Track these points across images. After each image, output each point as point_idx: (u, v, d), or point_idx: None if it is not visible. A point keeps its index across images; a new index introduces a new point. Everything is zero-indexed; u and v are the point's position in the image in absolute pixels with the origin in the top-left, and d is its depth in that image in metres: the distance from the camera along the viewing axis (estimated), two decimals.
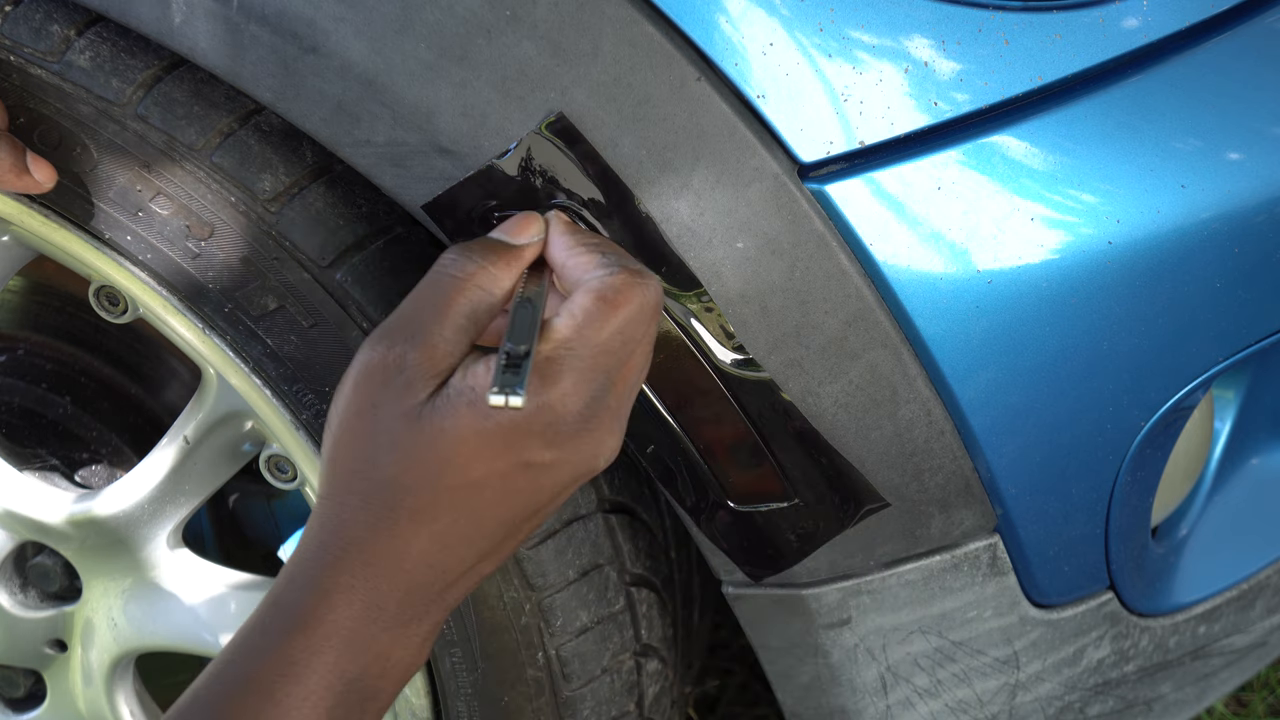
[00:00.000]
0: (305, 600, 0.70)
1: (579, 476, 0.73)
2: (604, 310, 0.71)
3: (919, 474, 0.88)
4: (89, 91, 0.86)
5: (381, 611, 0.71)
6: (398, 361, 0.70)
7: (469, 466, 0.70)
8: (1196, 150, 0.84)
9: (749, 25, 0.78)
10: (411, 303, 0.72)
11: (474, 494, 0.71)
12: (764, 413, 0.85)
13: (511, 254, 0.75)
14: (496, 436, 0.69)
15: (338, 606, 0.70)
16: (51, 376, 1.19)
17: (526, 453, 0.70)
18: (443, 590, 0.72)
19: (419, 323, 0.71)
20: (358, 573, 0.70)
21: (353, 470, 0.71)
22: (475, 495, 0.71)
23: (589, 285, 0.72)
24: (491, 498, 0.71)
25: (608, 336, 0.71)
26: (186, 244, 0.89)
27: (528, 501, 0.72)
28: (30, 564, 1.10)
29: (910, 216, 0.81)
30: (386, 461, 0.70)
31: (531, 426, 0.69)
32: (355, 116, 0.81)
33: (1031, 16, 0.80)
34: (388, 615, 0.71)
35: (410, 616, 0.72)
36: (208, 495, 1.05)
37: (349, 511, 0.71)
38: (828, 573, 0.92)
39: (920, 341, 0.83)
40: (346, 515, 0.71)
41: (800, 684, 0.98)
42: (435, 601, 0.72)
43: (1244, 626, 1.08)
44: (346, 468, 0.72)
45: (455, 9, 0.78)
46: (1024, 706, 1.01)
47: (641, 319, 0.72)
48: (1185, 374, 0.89)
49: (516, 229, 0.77)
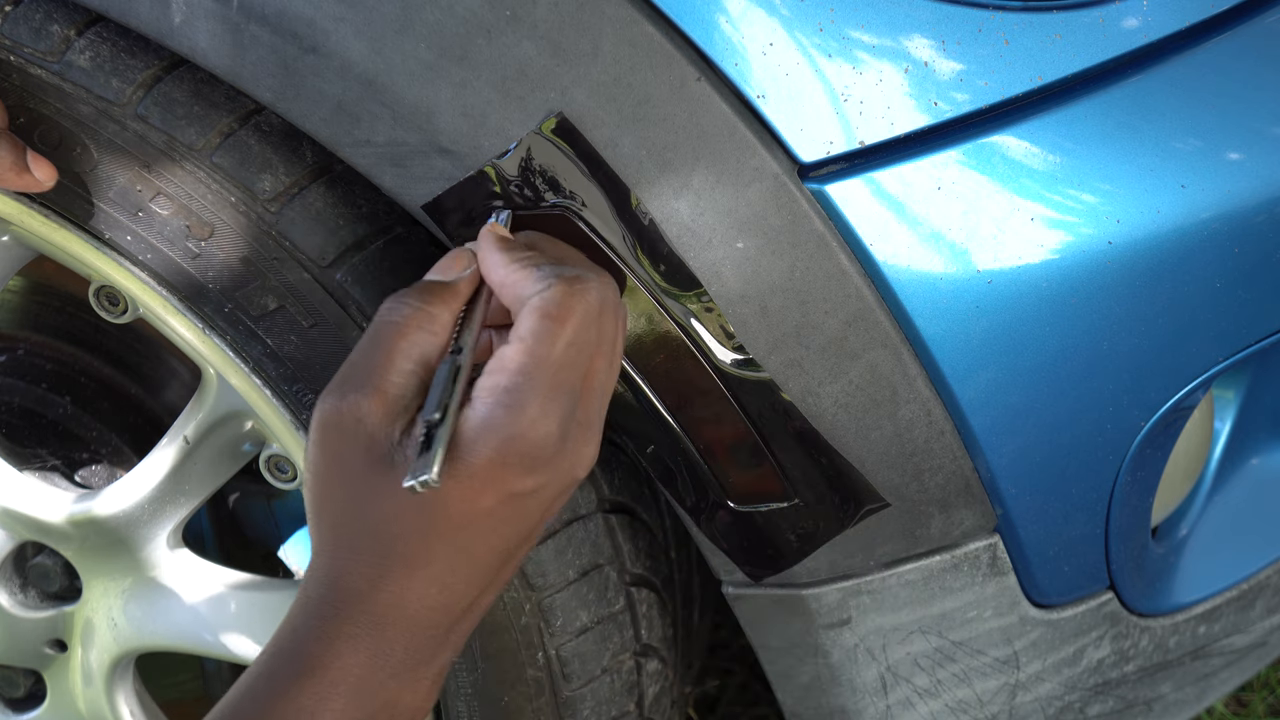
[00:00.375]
0: (311, 648, 0.71)
1: (563, 491, 0.73)
2: (550, 327, 0.70)
3: (919, 474, 0.88)
4: (89, 91, 0.86)
5: (388, 659, 0.71)
6: (353, 412, 0.71)
7: (452, 510, 0.70)
8: (1196, 150, 0.84)
9: (749, 25, 0.78)
10: (357, 354, 0.73)
11: (463, 533, 0.71)
12: (764, 413, 0.85)
13: (446, 291, 0.75)
14: (474, 479, 0.69)
15: (344, 654, 0.71)
16: (51, 376, 1.19)
17: (507, 485, 0.70)
18: (448, 630, 0.73)
19: (366, 372, 0.71)
20: (361, 622, 0.71)
21: (339, 523, 0.72)
22: (464, 534, 0.71)
23: (531, 305, 0.71)
24: (481, 533, 0.71)
25: (561, 351, 0.70)
26: (186, 244, 0.89)
27: (518, 528, 0.72)
28: (30, 564, 1.10)
29: (910, 216, 0.81)
30: (370, 512, 0.71)
31: (507, 460, 0.69)
32: (355, 116, 0.81)
33: (1031, 16, 0.80)
34: (394, 662, 0.71)
35: (418, 660, 0.72)
36: (208, 495, 1.05)
37: (343, 564, 0.71)
38: (828, 573, 0.92)
39: (920, 341, 0.83)
40: (341, 567, 0.71)
41: (800, 684, 0.98)
42: (442, 642, 0.73)
43: (1244, 626, 1.08)
44: (332, 521, 0.72)
45: (455, 9, 0.78)
46: (1024, 706, 1.01)
47: (590, 324, 0.72)
48: (1185, 374, 0.89)
49: (446, 266, 0.77)
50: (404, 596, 0.71)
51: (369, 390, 0.71)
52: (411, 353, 0.72)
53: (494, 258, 0.75)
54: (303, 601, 0.72)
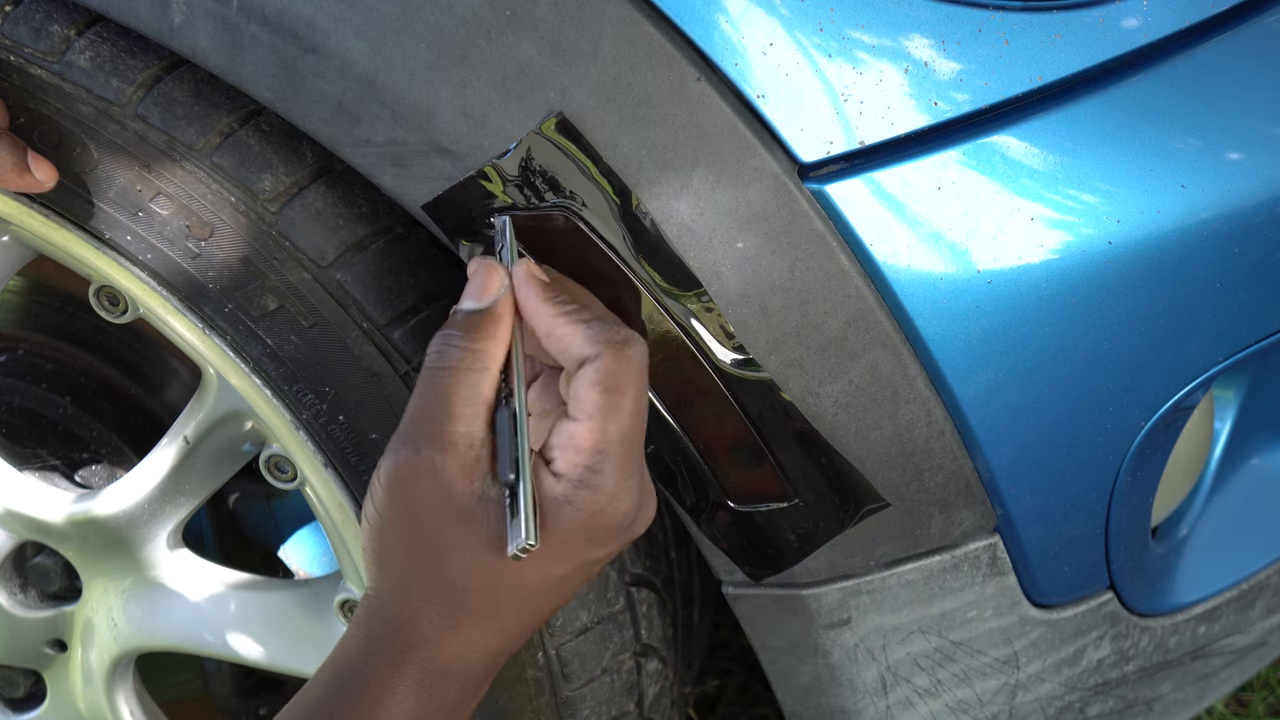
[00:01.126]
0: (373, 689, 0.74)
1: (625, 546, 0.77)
2: (616, 402, 0.72)
3: (919, 474, 0.88)
4: (89, 91, 0.86)
5: (443, 700, 0.74)
6: (429, 466, 0.72)
7: (529, 575, 0.73)
8: (1196, 150, 0.84)
9: (749, 25, 0.78)
10: (418, 403, 0.74)
11: (535, 593, 0.75)
12: (764, 413, 0.85)
13: (489, 323, 0.76)
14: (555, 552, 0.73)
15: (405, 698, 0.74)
16: (51, 376, 1.19)
17: (584, 555, 0.74)
18: (496, 670, 0.77)
19: (433, 424, 0.73)
20: (426, 669, 0.74)
21: (410, 572, 0.74)
22: (536, 594, 0.75)
23: (590, 377, 0.73)
24: (551, 593, 0.75)
25: (628, 424, 0.73)
26: (186, 244, 0.89)
27: (582, 581, 0.77)
28: (30, 564, 1.10)
29: (910, 216, 0.81)
30: (448, 566, 0.73)
31: (591, 535, 0.73)
32: (355, 116, 0.81)
33: (1031, 16, 0.80)
34: (447, 703, 0.75)
35: (466, 699, 0.76)
36: (208, 495, 1.05)
37: (414, 611, 0.74)
38: (828, 573, 0.92)
39: (920, 341, 0.83)
40: (412, 614, 0.74)
41: (800, 684, 0.98)
42: (486, 681, 0.77)
43: (1244, 626, 1.08)
44: (401, 568, 0.74)
45: (455, 9, 0.78)
46: (1024, 706, 1.01)
47: (644, 390, 0.74)
48: (1185, 374, 0.89)
49: (479, 289, 0.77)
50: (469, 646, 0.74)
51: (441, 444, 0.72)
52: (470, 396, 0.74)
53: (538, 306, 0.76)
54: (364, 639, 0.75)
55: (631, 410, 0.73)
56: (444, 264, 0.90)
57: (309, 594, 1.08)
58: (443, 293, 0.90)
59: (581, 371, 0.73)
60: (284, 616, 1.08)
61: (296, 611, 1.08)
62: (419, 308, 0.89)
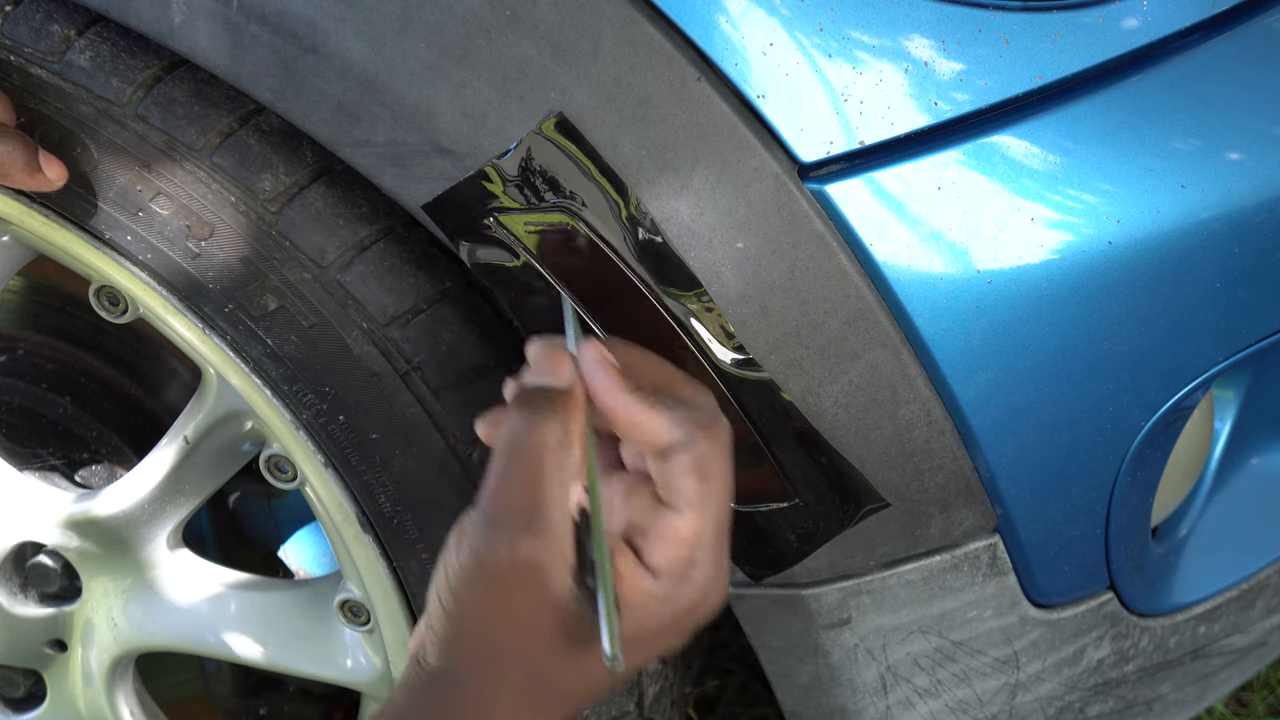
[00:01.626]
0: None
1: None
2: (708, 488, 0.71)
3: (919, 474, 0.88)
4: (89, 91, 0.86)
5: None
6: (528, 560, 0.68)
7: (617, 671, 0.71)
8: (1196, 150, 0.84)
9: (749, 25, 0.78)
10: (506, 483, 0.69)
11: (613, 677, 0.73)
12: (764, 413, 0.85)
13: (570, 403, 0.72)
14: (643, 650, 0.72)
15: None
16: (51, 376, 1.19)
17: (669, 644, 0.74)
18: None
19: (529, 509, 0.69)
20: None
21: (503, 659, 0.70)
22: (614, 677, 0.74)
23: (684, 464, 0.70)
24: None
25: (718, 506, 0.71)
26: (187, 244, 0.89)
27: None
28: (30, 564, 1.10)
29: (910, 216, 0.81)
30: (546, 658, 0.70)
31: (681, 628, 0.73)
32: (355, 116, 0.81)
33: (1031, 16, 0.80)
34: None
35: None
36: (208, 495, 1.05)
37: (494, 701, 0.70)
38: (828, 573, 0.92)
39: (920, 341, 0.83)
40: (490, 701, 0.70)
41: (800, 684, 0.98)
42: None
43: (1244, 626, 1.08)
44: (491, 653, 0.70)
45: (455, 9, 0.78)
46: (1024, 706, 1.01)
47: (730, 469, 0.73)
48: (1185, 374, 0.89)
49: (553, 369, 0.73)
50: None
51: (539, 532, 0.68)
52: (563, 479, 0.70)
53: (616, 396, 0.72)
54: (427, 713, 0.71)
55: (723, 495, 0.71)
56: (444, 264, 0.90)
57: (309, 594, 1.08)
58: (443, 293, 0.90)
59: (676, 459, 0.70)
60: (284, 616, 1.08)
61: (296, 611, 1.08)
62: (419, 308, 0.90)
